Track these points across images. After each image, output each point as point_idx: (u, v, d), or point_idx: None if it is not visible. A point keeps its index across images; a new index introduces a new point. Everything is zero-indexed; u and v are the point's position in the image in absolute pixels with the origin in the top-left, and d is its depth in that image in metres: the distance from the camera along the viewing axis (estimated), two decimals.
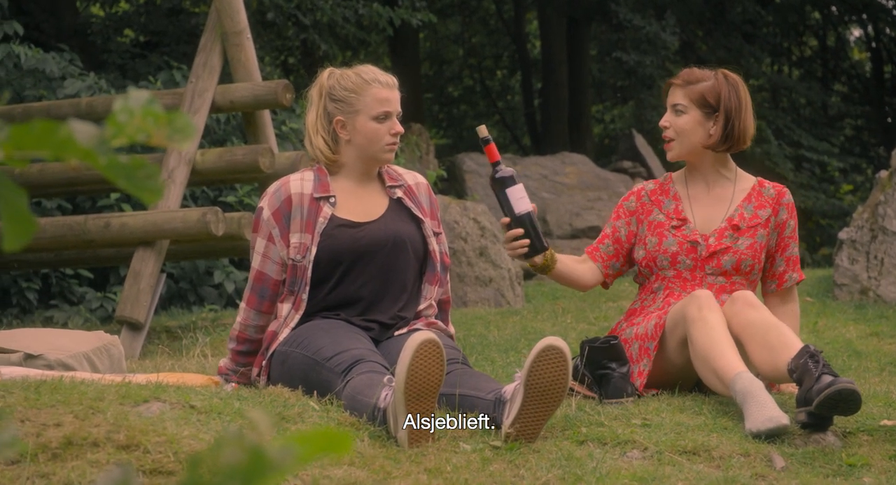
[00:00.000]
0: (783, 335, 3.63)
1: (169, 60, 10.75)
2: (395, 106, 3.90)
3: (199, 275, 9.38)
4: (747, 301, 3.76)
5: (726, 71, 4.17)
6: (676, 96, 4.12)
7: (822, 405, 3.31)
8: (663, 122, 4.14)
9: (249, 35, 6.96)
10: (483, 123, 4.54)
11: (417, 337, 3.18)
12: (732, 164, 4.22)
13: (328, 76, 3.95)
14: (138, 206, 9.05)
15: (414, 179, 4.05)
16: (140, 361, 5.99)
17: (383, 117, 3.87)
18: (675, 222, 4.12)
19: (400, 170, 4.06)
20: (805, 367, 3.41)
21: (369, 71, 3.93)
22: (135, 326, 6.40)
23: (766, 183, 4.21)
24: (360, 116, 3.87)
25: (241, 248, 7.33)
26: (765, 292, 4.24)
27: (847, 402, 3.31)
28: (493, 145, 3.90)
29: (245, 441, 1.02)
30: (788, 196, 4.19)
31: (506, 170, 3.92)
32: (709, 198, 4.17)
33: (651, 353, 3.90)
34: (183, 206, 6.62)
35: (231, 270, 9.26)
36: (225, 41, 6.90)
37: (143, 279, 6.43)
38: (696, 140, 4.10)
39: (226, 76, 7.15)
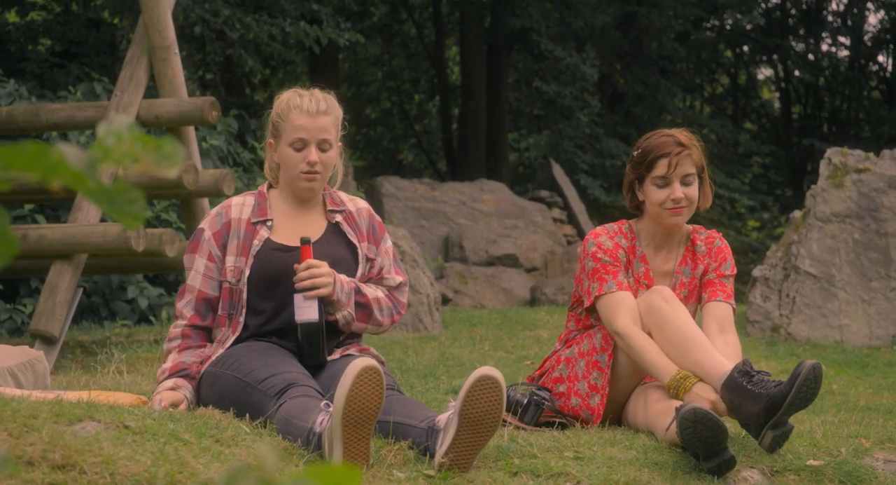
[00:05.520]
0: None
1: (89, 72, 10.62)
2: (314, 134, 3.83)
3: (113, 289, 9.26)
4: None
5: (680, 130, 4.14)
6: (687, 166, 4.01)
7: (682, 432, 3.38)
8: (678, 195, 3.98)
9: (177, 50, 6.90)
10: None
11: (358, 363, 3.17)
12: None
13: (277, 99, 3.97)
14: (53, 218, 8.91)
15: (355, 205, 4.05)
16: (53, 376, 5.89)
17: (299, 145, 3.84)
18: (643, 291, 4.05)
19: (344, 196, 4.05)
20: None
21: (297, 96, 3.91)
22: (49, 340, 6.29)
23: (698, 239, 4.18)
24: (282, 142, 3.89)
25: (160, 264, 7.25)
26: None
27: (703, 423, 3.36)
28: (309, 248, 3.76)
29: (256, 475, 1.02)
30: (717, 242, 4.18)
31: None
32: (661, 261, 4.14)
33: (602, 366, 3.94)
34: (102, 220, 6.52)
35: (145, 286, 9.15)
36: (152, 56, 6.83)
37: (60, 293, 6.33)
38: (695, 207, 4.08)
39: (150, 91, 7.08)
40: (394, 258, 4.01)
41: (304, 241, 3.75)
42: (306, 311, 3.69)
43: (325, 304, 3.75)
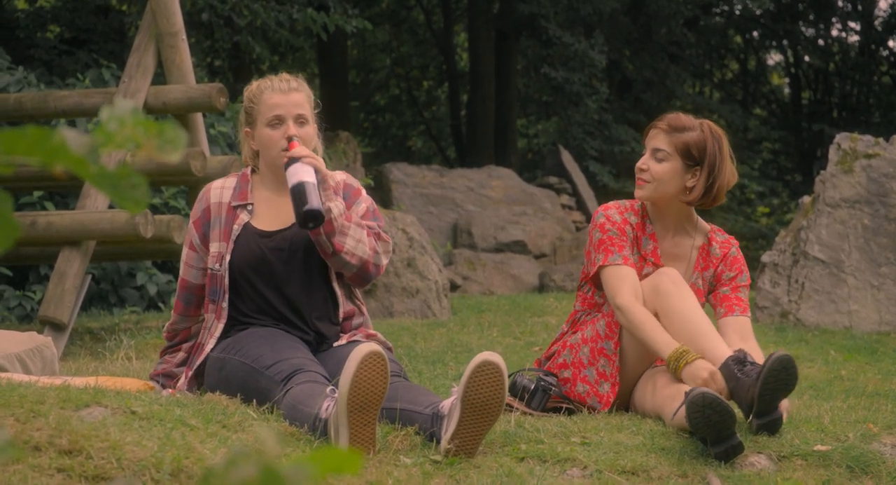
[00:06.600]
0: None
1: (98, 59, 10.62)
2: (290, 109, 3.88)
3: (121, 276, 9.27)
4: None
5: (711, 123, 4.04)
6: (659, 141, 3.98)
7: (690, 417, 3.37)
8: (641, 164, 3.99)
9: (185, 37, 6.90)
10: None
11: (363, 349, 3.18)
12: (694, 216, 4.14)
13: (247, 89, 4.02)
14: (61, 205, 8.93)
15: (333, 179, 4.00)
16: (62, 362, 5.90)
17: (276, 123, 3.88)
18: (650, 269, 4.03)
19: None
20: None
21: (268, 79, 3.96)
22: (58, 327, 6.31)
23: (715, 240, 4.13)
24: (258, 125, 3.93)
25: (168, 250, 7.26)
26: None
27: (712, 407, 3.35)
28: (296, 142, 3.81)
29: (258, 459, 1.02)
30: (733, 250, 4.13)
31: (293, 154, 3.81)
32: (672, 246, 4.10)
33: (608, 353, 3.93)
34: (110, 207, 6.53)
35: (154, 273, 9.16)
36: (159, 42, 6.83)
37: (68, 279, 6.34)
38: (671, 189, 3.99)
39: (158, 77, 7.08)
40: (371, 215, 3.94)
41: (290, 138, 3.81)
42: (304, 174, 3.69)
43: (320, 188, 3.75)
